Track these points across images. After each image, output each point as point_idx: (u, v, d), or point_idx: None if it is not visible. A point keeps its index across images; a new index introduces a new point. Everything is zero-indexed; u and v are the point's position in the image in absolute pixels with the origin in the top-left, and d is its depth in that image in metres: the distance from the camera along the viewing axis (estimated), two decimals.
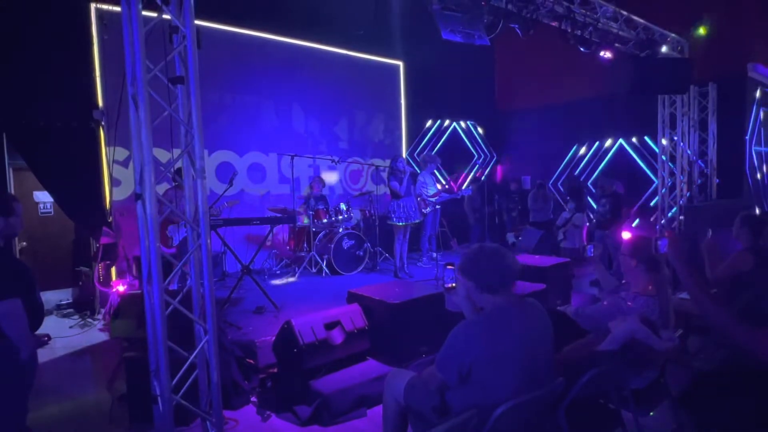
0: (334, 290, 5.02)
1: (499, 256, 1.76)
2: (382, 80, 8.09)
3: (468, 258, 1.82)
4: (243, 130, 6.49)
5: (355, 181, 7.84)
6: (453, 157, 9.01)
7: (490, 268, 1.73)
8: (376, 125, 8.10)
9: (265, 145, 6.69)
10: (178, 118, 2.31)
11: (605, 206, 5.71)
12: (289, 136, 6.92)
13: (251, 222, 4.43)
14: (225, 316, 3.99)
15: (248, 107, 6.54)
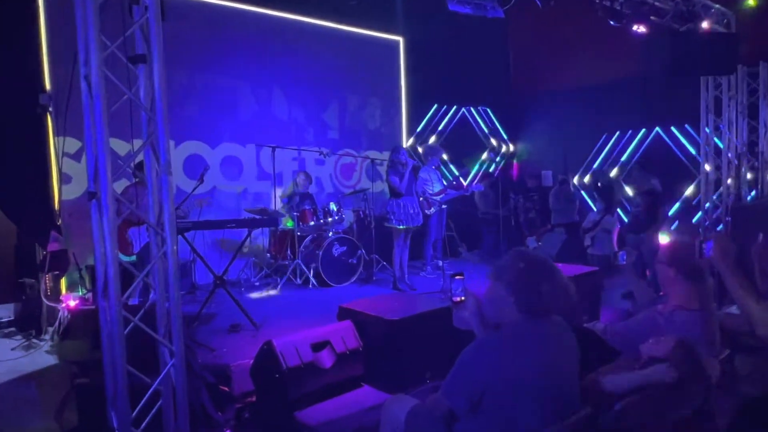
0: (323, 305, 5.03)
1: (558, 280, 1.72)
2: (379, 59, 8.11)
3: (513, 266, 1.75)
4: (216, 118, 6.49)
5: (348, 176, 7.85)
6: (462, 148, 9.04)
7: (543, 292, 1.69)
8: (372, 111, 8.11)
9: (241, 134, 6.69)
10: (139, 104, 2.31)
11: (640, 206, 5.73)
12: (270, 125, 6.92)
13: (225, 225, 4.43)
14: (195, 336, 3.99)
15: (222, 91, 6.54)
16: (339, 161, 7.71)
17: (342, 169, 7.78)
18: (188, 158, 6.28)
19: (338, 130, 7.71)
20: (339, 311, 3.53)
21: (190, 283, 5.67)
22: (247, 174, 6.77)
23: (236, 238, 6.06)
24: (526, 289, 1.71)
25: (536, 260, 1.76)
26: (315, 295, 5.55)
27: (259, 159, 6.86)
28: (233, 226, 4.50)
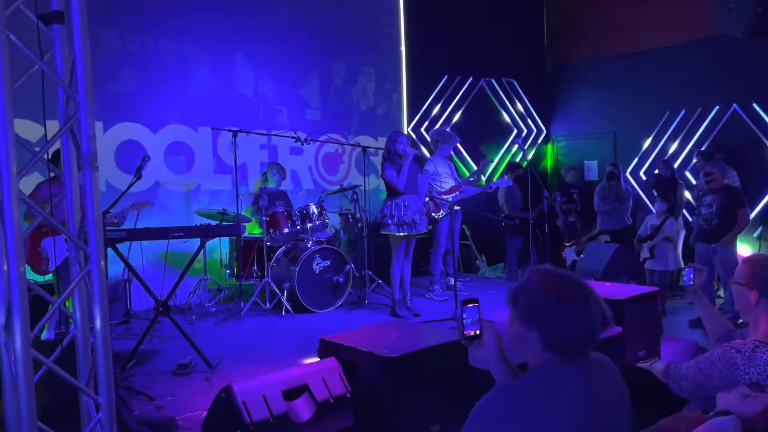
0: (300, 337, 5.00)
1: (593, 305, 1.67)
2: (373, 17, 8.13)
3: (530, 290, 1.73)
4: (159, 93, 6.48)
5: (332, 169, 7.84)
6: (480, 133, 9.06)
7: (575, 324, 1.66)
8: (364, 85, 8.11)
9: (192, 115, 6.68)
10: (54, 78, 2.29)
11: (712, 207, 5.74)
12: (231, 102, 6.91)
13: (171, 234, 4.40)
14: (129, 380, 3.95)
15: (166, 58, 6.53)
16: (321, 150, 7.70)
17: (325, 161, 7.77)
18: (121, 146, 6.26)
19: (320, 110, 7.70)
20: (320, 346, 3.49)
21: (124, 310, 5.64)
22: (201, 166, 6.76)
23: (186, 251, 6.03)
24: (552, 320, 1.69)
25: (561, 279, 1.74)
26: (289, 325, 5.52)
27: (215, 147, 6.84)
28: (181, 235, 4.47)
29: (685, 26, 8.04)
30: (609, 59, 9.09)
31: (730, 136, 7.92)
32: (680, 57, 8.25)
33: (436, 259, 6.58)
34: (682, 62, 8.24)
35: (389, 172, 5.56)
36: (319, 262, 6.01)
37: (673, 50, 8.32)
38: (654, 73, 8.55)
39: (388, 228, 5.58)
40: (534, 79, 9.81)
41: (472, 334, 1.94)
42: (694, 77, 8.17)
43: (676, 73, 8.33)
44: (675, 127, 8.46)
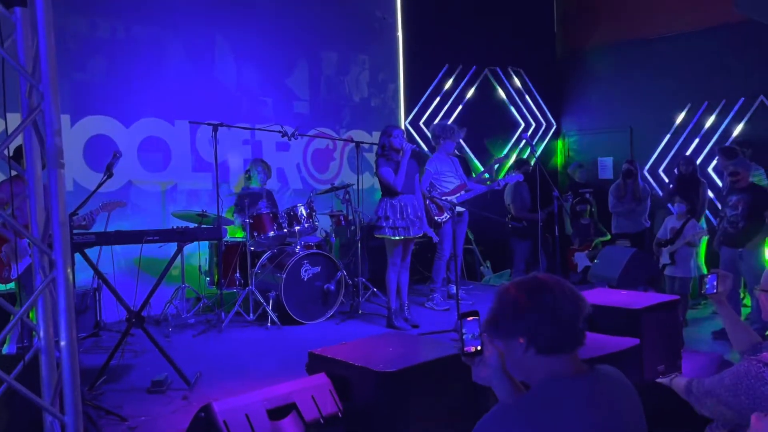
0: (286, 351, 4.99)
1: (555, 295, 1.76)
2: (367, 2, 8.11)
3: (502, 303, 1.82)
4: (132, 84, 6.47)
5: (322, 167, 7.84)
6: (484, 128, 9.07)
7: (556, 315, 1.74)
8: (357, 75, 8.11)
9: (168, 107, 6.67)
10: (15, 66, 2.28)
11: (737, 208, 5.75)
12: (211, 94, 6.91)
13: (145, 238, 4.39)
14: (99, 399, 3.93)
15: (140, 45, 6.52)
16: (310, 146, 7.69)
17: (315, 157, 7.76)
18: (91, 141, 6.24)
19: (309, 102, 7.69)
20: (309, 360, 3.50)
21: (93, 321, 5.62)
22: (178, 164, 6.75)
23: (161, 257, 6.01)
24: (527, 315, 1.76)
25: (527, 284, 1.82)
26: (275, 338, 5.50)
27: (194, 142, 6.83)
28: (156, 239, 4.45)
29: (708, 10, 8.07)
30: (625, 46, 9.12)
31: (756, 129, 7.95)
32: (702, 44, 8.28)
33: (439, 265, 6.58)
34: (705, 50, 8.27)
35: (384, 170, 5.56)
36: (307, 269, 5.99)
37: (694, 36, 8.34)
38: (674, 62, 8.58)
39: (383, 231, 5.57)
40: (543, 68, 9.83)
41: (472, 350, 1.95)
42: (717, 66, 8.20)
43: (697, 62, 8.36)
44: (697, 120, 8.49)
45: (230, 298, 6.16)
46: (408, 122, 8.50)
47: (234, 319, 5.83)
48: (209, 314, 6.09)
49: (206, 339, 5.48)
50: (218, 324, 5.72)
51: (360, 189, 6.47)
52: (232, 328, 5.72)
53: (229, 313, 5.82)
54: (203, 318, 6.04)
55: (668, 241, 6.39)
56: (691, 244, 6.24)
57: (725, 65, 8.13)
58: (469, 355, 1.96)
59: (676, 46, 8.54)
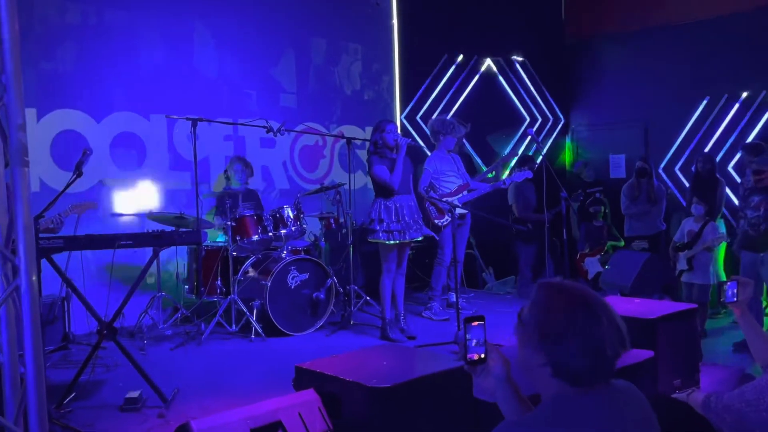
0: (272, 365, 4.99)
1: (607, 323, 1.70)
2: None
3: (544, 314, 1.75)
4: (103, 75, 6.46)
5: (311, 165, 7.84)
6: (486, 122, 9.09)
7: (586, 346, 1.68)
8: (348, 66, 8.12)
9: (143, 100, 6.66)
10: None
11: (759, 209, 5.77)
12: (190, 86, 6.91)
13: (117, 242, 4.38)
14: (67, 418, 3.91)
15: (114, 32, 6.51)
16: (298, 142, 7.69)
17: (303, 155, 7.76)
18: (58, 137, 6.23)
19: (296, 94, 7.69)
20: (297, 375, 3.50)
21: (62, 333, 5.61)
22: (153, 161, 6.74)
23: (135, 263, 6.00)
24: (559, 340, 1.70)
25: (569, 292, 1.76)
26: (259, 350, 5.49)
27: (171, 138, 6.83)
28: (130, 244, 4.43)
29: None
30: (639, 34, 9.15)
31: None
32: (723, 32, 8.30)
33: (440, 271, 6.59)
34: (725, 38, 8.29)
35: (378, 168, 5.56)
36: (295, 276, 5.99)
37: (714, 24, 8.37)
38: (692, 52, 8.60)
39: (377, 235, 5.58)
40: (549, 58, 9.86)
41: (476, 357, 1.94)
42: (738, 56, 8.22)
43: (717, 52, 8.38)
44: (716, 114, 8.53)
45: (211, 307, 6.14)
46: (404, 117, 8.51)
47: (215, 331, 5.81)
48: (188, 325, 6.06)
49: (184, 352, 5.46)
50: (197, 336, 5.70)
51: (352, 189, 6.47)
52: (212, 341, 5.70)
53: (209, 324, 5.80)
54: (181, 329, 6.01)
55: (686, 245, 6.40)
56: (709, 249, 6.25)
57: (746, 56, 8.15)
58: (472, 363, 1.95)
59: (695, 33, 8.56)
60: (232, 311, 5.91)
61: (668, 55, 8.83)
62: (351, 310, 6.30)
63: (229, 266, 5.97)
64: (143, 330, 5.88)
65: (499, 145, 9.27)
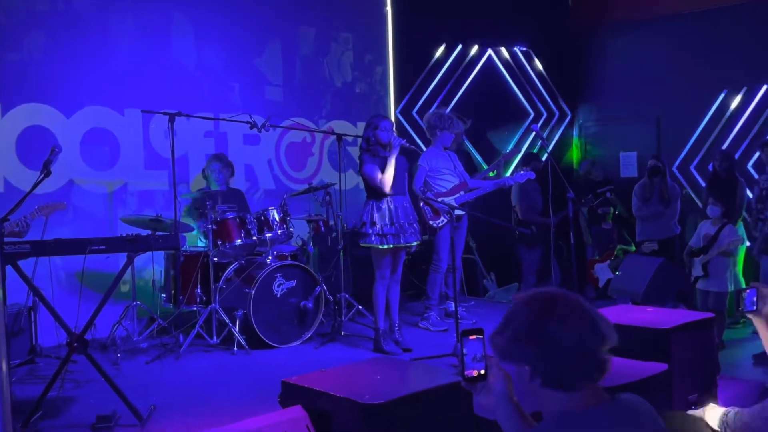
0: (256, 380, 4.98)
1: (579, 319, 1.77)
2: None
3: (512, 319, 1.82)
4: (74, 66, 6.44)
5: (299, 163, 7.83)
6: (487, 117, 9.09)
7: (563, 345, 1.75)
8: (338, 56, 8.11)
9: (117, 94, 6.65)
10: None
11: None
12: (167, 78, 6.90)
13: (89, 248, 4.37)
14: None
15: (85, 20, 6.50)
16: (284, 139, 7.68)
17: (290, 152, 7.75)
18: (25, 133, 6.21)
19: (282, 87, 7.68)
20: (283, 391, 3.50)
21: (29, 346, 5.58)
22: (128, 160, 6.72)
23: (108, 270, 5.98)
24: (536, 341, 1.75)
25: (540, 295, 1.82)
26: (243, 364, 5.48)
27: (147, 135, 6.81)
28: (103, 249, 4.42)
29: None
30: (652, 22, 9.16)
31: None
32: (742, 20, 8.32)
33: (435, 278, 6.58)
34: (744, 27, 8.31)
35: (369, 168, 5.56)
36: (281, 283, 5.98)
37: (733, 11, 8.39)
38: (709, 40, 8.61)
39: (369, 239, 5.58)
40: (555, 47, 9.87)
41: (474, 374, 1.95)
42: (758, 46, 8.24)
43: (736, 41, 8.40)
44: (734, 109, 8.55)
45: (190, 317, 6.13)
46: (398, 111, 8.51)
47: (194, 343, 5.80)
48: (165, 337, 6.04)
49: (161, 366, 5.44)
50: (176, 348, 5.68)
51: (342, 189, 6.47)
52: (191, 354, 5.69)
53: (188, 335, 5.79)
54: (158, 341, 5.99)
55: (701, 249, 6.42)
56: (726, 254, 6.26)
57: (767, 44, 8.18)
58: (470, 379, 1.96)
59: (712, 20, 8.57)
60: (213, 322, 5.90)
61: (683, 44, 8.85)
62: (342, 321, 6.30)
63: (210, 273, 5.95)
64: (117, 342, 5.85)
65: (500, 142, 9.28)
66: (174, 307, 6.17)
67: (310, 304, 6.04)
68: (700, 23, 8.68)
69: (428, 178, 6.40)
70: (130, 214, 6.31)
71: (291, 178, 7.73)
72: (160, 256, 6.42)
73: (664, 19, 8.99)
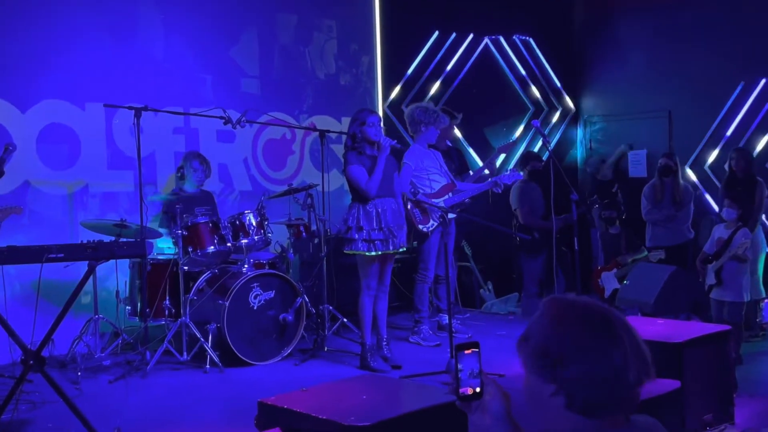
0: (230, 401, 4.98)
1: (631, 345, 1.71)
2: None
3: (557, 329, 1.75)
4: (30, 57, 6.43)
5: (278, 163, 7.83)
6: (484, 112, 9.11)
7: (609, 371, 1.69)
8: (321, 45, 8.13)
9: (77, 87, 6.64)
10: None
11: None
12: (132, 69, 6.89)
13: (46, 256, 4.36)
14: None
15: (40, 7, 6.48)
16: (262, 136, 7.68)
17: (268, 150, 7.75)
18: None
19: (260, 78, 7.69)
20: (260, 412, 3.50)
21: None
22: (89, 159, 6.71)
23: (68, 279, 5.96)
24: (570, 363, 1.70)
25: (581, 309, 1.77)
26: (216, 383, 5.48)
27: (110, 131, 6.80)
28: (61, 257, 4.42)
29: None
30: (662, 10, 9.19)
31: None
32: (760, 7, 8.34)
33: (423, 288, 6.58)
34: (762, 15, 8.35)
35: (355, 169, 5.56)
36: (258, 294, 5.97)
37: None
38: (724, 30, 8.63)
39: (355, 245, 5.57)
40: (558, 37, 9.91)
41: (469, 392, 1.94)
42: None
43: (753, 30, 8.44)
44: (752, 103, 8.59)
45: (158, 332, 6.11)
46: (387, 106, 8.52)
47: (162, 360, 5.79)
48: (130, 354, 6.04)
49: (126, 386, 5.42)
50: (142, 366, 5.67)
51: (326, 191, 6.48)
52: (159, 372, 5.68)
53: (155, 352, 5.77)
54: (122, 359, 5.98)
55: (714, 255, 6.42)
56: (740, 259, 6.27)
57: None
58: (465, 398, 1.95)
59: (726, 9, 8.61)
60: (183, 337, 5.88)
61: (697, 33, 8.88)
62: (325, 335, 6.30)
63: (180, 283, 5.94)
64: (77, 360, 5.82)
65: (498, 140, 9.28)
66: (140, 320, 6.15)
67: (290, 317, 6.03)
68: (715, 11, 8.71)
69: (414, 178, 6.39)
70: (92, 218, 6.31)
71: (269, 178, 7.72)
72: (125, 265, 6.40)
73: (676, 6, 9.02)
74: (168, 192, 6.86)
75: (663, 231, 7.73)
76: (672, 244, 7.66)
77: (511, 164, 9.13)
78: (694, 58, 8.90)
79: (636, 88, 9.55)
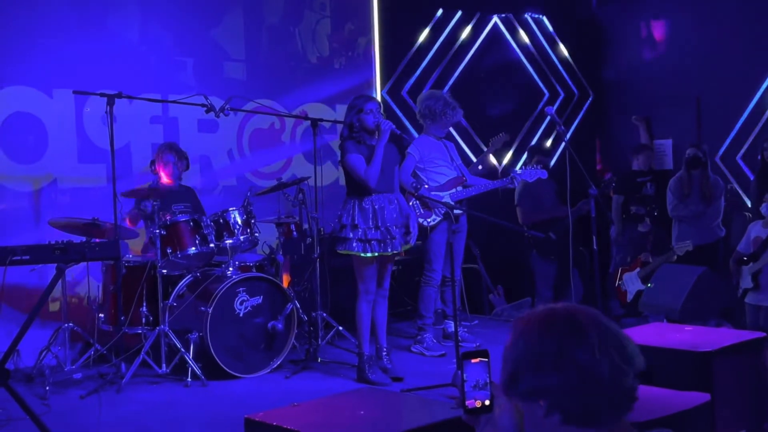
0: (214, 417, 5.00)
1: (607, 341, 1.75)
2: None
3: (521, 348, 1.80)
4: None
5: (266, 156, 7.83)
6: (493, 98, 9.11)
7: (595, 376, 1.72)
8: (313, 25, 8.13)
9: (44, 72, 6.66)
10: None
11: None
12: (105, 53, 6.89)
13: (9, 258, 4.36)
14: None
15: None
16: (248, 125, 7.69)
17: (254, 141, 7.77)
18: None
19: (245, 62, 7.70)
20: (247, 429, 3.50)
21: None
22: (57, 151, 6.72)
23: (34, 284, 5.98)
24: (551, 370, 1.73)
25: (547, 316, 1.80)
26: (198, 398, 5.49)
27: (80, 120, 6.81)
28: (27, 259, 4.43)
29: None
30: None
31: None
32: None
33: (429, 292, 6.59)
34: None
35: (353, 158, 5.56)
36: (244, 300, 5.98)
37: None
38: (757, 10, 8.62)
39: (350, 245, 5.57)
40: (574, 15, 9.92)
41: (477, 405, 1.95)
42: None
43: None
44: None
45: (134, 342, 6.09)
46: (385, 91, 8.52)
47: (139, 373, 5.80)
48: (103, 366, 6.04)
49: (99, 401, 5.35)
50: (116, 380, 5.67)
51: (318, 186, 6.47)
52: (136, 386, 5.69)
53: (131, 364, 5.77)
54: (95, 372, 5.99)
55: (751, 256, 6.42)
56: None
57: None
58: (472, 411, 1.96)
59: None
60: (162, 347, 5.88)
61: (728, 13, 8.88)
62: (318, 345, 6.31)
63: (158, 288, 5.94)
64: (45, 373, 5.82)
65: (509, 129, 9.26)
66: (114, 329, 6.14)
67: (280, 325, 6.04)
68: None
69: (419, 171, 6.39)
70: (61, 216, 6.28)
71: (256, 172, 7.74)
72: (97, 268, 6.41)
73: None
74: (144, 189, 6.83)
75: (691, 229, 7.71)
76: (701, 242, 7.62)
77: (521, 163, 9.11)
78: (725, 39, 8.89)
79: (660, 73, 9.53)
